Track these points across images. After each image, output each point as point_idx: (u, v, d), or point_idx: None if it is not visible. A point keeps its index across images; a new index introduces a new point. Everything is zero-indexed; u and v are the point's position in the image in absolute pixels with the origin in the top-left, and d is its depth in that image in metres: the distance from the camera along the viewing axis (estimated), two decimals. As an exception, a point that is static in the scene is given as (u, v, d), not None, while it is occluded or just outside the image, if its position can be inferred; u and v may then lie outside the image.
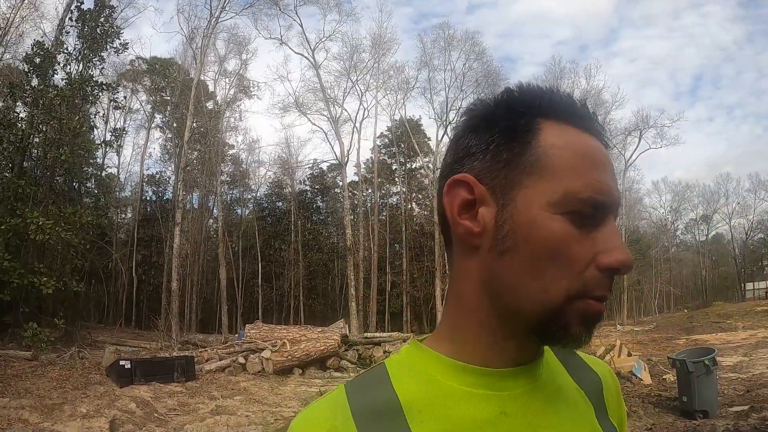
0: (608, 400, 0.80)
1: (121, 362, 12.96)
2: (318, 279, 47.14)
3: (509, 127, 0.68)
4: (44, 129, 17.46)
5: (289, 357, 16.93)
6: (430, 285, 39.81)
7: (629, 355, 13.87)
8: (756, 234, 61.03)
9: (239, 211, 49.86)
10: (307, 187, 50.62)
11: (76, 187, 20.45)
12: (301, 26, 35.44)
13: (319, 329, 20.13)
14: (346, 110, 38.90)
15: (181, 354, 16.40)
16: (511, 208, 0.66)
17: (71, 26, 19.91)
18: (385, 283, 42.25)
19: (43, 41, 18.77)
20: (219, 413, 10.91)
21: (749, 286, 56.91)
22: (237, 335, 22.66)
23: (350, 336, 21.13)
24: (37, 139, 17.84)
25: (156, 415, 10.65)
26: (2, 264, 14.21)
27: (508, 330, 0.68)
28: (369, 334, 23.80)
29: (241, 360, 16.62)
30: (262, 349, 17.11)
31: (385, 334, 23.03)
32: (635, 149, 43.37)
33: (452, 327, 0.72)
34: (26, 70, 17.98)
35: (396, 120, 44.04)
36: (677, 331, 24.51)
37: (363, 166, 45.94)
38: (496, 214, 0.67)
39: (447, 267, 0.78)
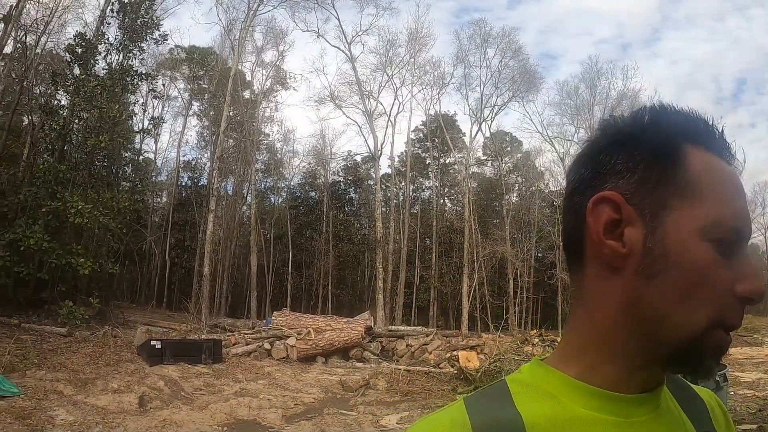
0: (719, 429, 0.78)
1: (152, 342, 13.47)
2: (347, 270, 47.46)
3: (659, 148, 0.68)
4: (85, 116, 18.06)
5: (314, 345, 17.23)
6: (457, 281, 39.80)
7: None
8: (793, 245, 59.07)
9: (273, 199, 50.45)
10: (341, 179, 50.90)
11: (114, 171, 21.12)
12: (338, 19, 35.68)
13: (345, 320, 20.41)
14: (381, 104, 39.01)
15: (210, 337, 16.82)
16: (661, 231, 0.65)
17: (112, 17, 20.51)
18: (413, 277, 42.36)
19: (85, 32, 19.44)
20: (242, 395, 11.26)
21: (783, 299, 55.12)
22: (265, 321, 23.11)
23: (375, 328, 21.39)
24: (77, 126, 18.45)
25: (183, 393, 11.09)
26: (41, 244, 14.88)
27: (645, 357, 0.67)
28: (393, 327, 24.05)
29: (267, 346, 16.97)
30: (288, 337, 17.44)
31: (409, 328, 23.26)
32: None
33: (581, 348, 0.70)
34: (68, 59, 18.63)
35: (431, 115, 43.97)
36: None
37: (396, 159, 46.06)
38: (645, 236, 0.66)
39: (572, 285, 0.75)
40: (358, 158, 49.06)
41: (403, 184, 46.41)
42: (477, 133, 41.58)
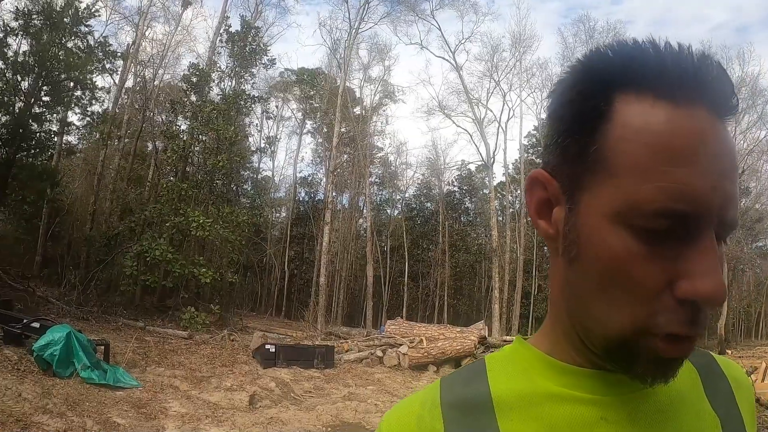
0: (743, 408, 0.68)
1: (267, 346, 14.08)
2: (464, 280, 47.17)
3: (579, 111, 0.57)
4: (203, 139, 19.79)
5: (425, 354, 17.20)
6: (576, 289, 38.33)
7: (776, 379, 12.40)
8: None
9: (388, 211, 51.33)
10: (455, 188, 50.81)
11: (234, 189, 22.71)
12: (440, 29, 36.01)
13: (458, 329, 20.28)
14: (490, 110, 38.71)
15: (323, 343, 17.30)
16: (575, 213, 0.57)
17: (222, 47, 22.50)
18: (531, 287, 41.35)
19: (198, 62, 21.57)
20: (350, 399, 11.43)
21: None
22: (378, 330, 23.53)
23: (489, 338, 21.07)
24: (197, 148, 20.24)
25: (292, 395, 11.49)
26: (166, 256, 16.37)
27: (585, 345, 0.60)
28: (508, 337, 23.60)
29: (379, 353, 17.12)
30: (400, 345, 17.54)
31: (524, 338, 22.69)
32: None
33: (549, 324, 0.66)
34: (185, 88, 20.54)
35: (542, 119, 42.88)
36: None
37: (510, 166, 45.35)
38: (565, 218, 0.59)
39: None
40: (472, 167, 48.82)
41: (518, 191, 45.60)
42: (590, 135, 40.04)
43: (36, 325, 9.48)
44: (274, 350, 13.97)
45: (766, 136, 36.94)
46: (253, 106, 22.36)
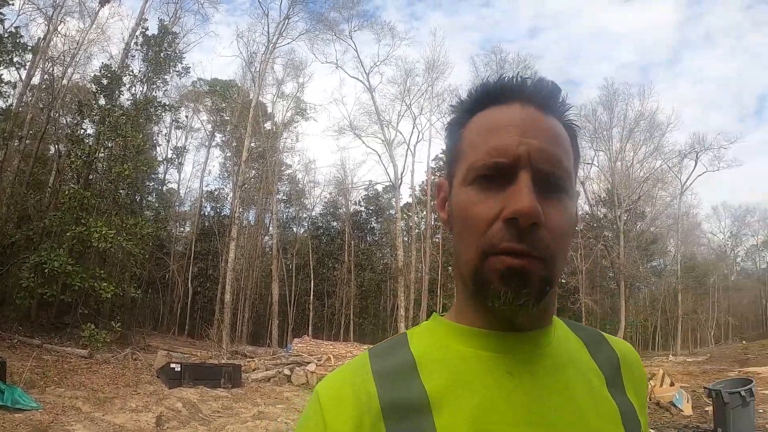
0: (626, 377, 0.84)
1: (172, 365, 13.57)
2: (370, 299, 47.40)
3: (450, 131, 0.82)
4: (110, 145, 18.79)
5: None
6: (480, 308, 39.44)
7: (671, 384, 13.42)
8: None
9: (294, 229, 50.85)
10: (362, 208, 51.14)
11: (138, 200, 21.68)
12: (356, 51, 36.40)
13: (366, 347, 20.36)
14: (400, 133, 39.31)
15: (229, 362, 16.90)
16: (452, 194, 0.79)
17: (136, 50, 21.55)
18: (435, 305, 42.12)
19: (110, 64, 20.42)
20: (260, 418, 11.21)
21: (812, 317, 53.94)
22: (285, 348, 23.19)
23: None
24: (102, 155, 19.17)
25: (200, 415, 11.12)
26: (65, 267, 15.29)
27: (470, 295, 0.76)
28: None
29: (287, 372, 16.95)
30: (308, 363, 17.45)
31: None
32: (691, 172, 41.58)
33: (456, 298, 0.82)
34: (94, 90, 19.48)
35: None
36: (731, 362, 23.62)
37: (417, 188, 46.22)
38: (449, 203, 0.80)
39: None
40: (379, 188, 49.34)
41: (424, 212, 46.53)
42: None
43: None
44: (179, 369, 13.52)
45: (660, 166, 40.60)
46: (163, 114, 21.58)
